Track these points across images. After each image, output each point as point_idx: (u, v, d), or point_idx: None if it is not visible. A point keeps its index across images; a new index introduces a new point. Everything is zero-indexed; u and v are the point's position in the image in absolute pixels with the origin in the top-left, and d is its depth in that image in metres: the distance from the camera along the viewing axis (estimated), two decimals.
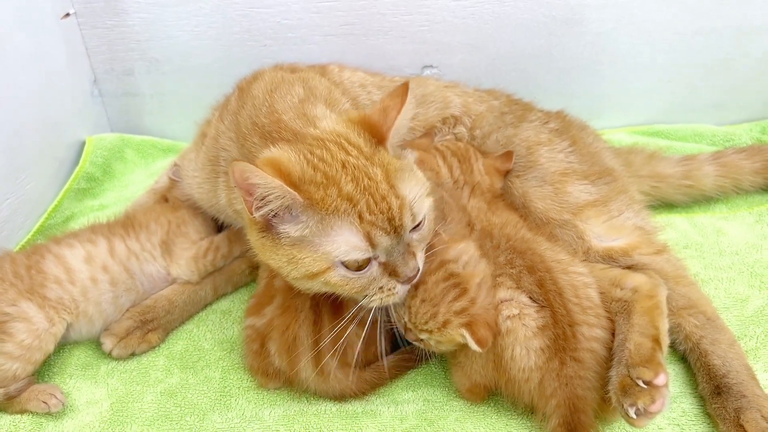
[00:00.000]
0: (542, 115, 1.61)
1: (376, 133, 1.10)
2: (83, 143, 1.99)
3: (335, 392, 1.22)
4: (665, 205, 1.70)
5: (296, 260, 1.04)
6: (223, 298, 1.53)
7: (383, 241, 1.02)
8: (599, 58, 1.97)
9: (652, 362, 1.01)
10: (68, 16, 1.87)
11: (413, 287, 1.11)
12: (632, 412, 0.98)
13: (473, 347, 1.06)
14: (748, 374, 1.15)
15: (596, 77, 2.01)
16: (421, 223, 1.08)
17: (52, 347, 1.28)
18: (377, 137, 1.09)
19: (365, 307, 1.10)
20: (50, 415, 1.23)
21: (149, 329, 1.38)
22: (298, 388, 1.25)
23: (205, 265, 1.46)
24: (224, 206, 1.37)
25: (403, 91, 1.11)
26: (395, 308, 1.14)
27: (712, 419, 1.14)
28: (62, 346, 1.36)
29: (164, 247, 1.47)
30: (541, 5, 1.86)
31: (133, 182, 1.96)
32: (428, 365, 1.30)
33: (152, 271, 1.44)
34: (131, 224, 1.47)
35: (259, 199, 1.00)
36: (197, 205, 1.52)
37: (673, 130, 2.05)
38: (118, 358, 1.35)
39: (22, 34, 1.68)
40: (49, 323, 1.27)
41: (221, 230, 1.58)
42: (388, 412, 1.21)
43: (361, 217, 1.00)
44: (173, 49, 1.95)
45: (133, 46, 1.96)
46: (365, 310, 1.11)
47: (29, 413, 1.23)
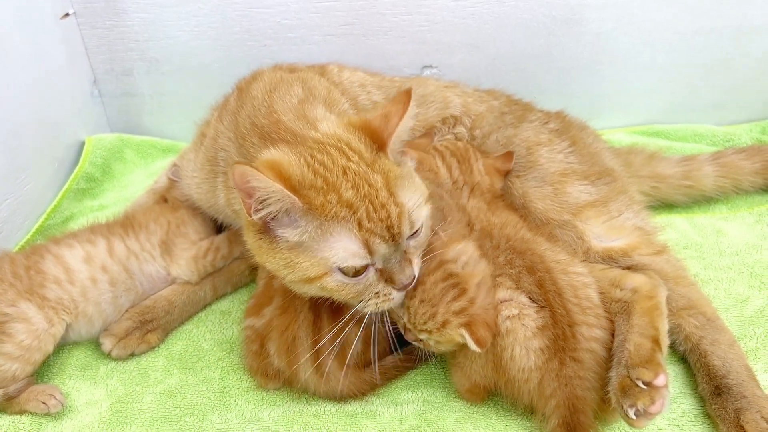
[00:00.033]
0: (542, 115, 1.61)
1: (376, 138, 1.09)
2: (83, 143, 1.99)
3: (335, 393, 1.22)
4: (665, 205, 1.70)
5: (293, 264, 1.03)
6: (222, 298, 1.53)
7: (381, 248, 1.02)
8: (599, 58, 1.97)
9: (651, 363, 1.01)
10: (68, 16, 1.87)
11: (412, 287, 1.11)
12: (632, 412, 0.98)
13: (472, 347, 1.06)
14: (748, 375, 1.15)
15: (596, 77, 2.01)
16: (418, 230, 1.08)
17: (51, 348, 1.28)
18: (378, 143, 1.08)
19: (360, 311, 1.10)
20: (49, 415, 1.23)
21: (148, 330, 1.38)
22: (297, 388, 1.25)
23: (204, 265, 1.46)
24: (223, 206, 1.37)
25: (405, 97, 1.09)
26: (394, 309, 1.14)
27: (712, 420, 1.14)
28: (61, 346, 1.36)
29: (164, 247, 1.46)
30: (540, 5, 1.86)
31: (132, 182, 1.96)
32: (428, 366, 1.30)
33: (152, 271, 1.44)
34: (130, 224, 1.47)
35: (258, 201, 0.99)
36: (196, 205, 1.52)
37: (672, 130, 2.04)
38: (117, 358, 1.35)
39: (21, 34, 1.68)
40: (48, 324, 1.27)
41: (221, 231, 1.58)
42: (387, 412, 1.21)
43: (360, 224, 1.00)
44: (173, 49, 1.95)
45: (132, 46, 1.96)
46: (361, 313, 1.11)
47: (28, 414, 1.23)
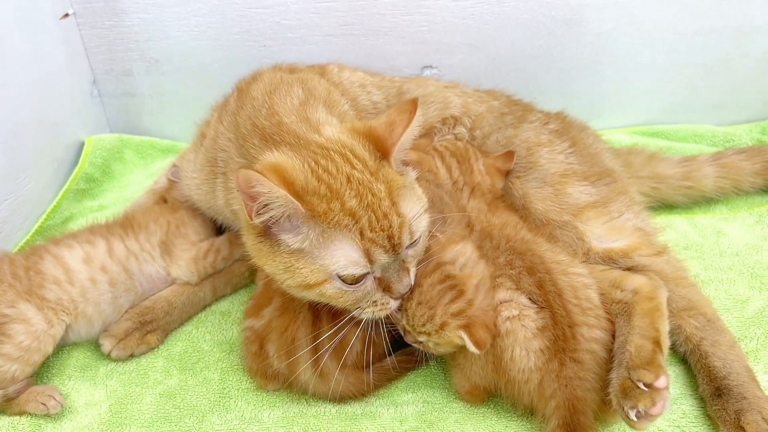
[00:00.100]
0: (542, 116, 1.61)
1: (380, 147, 1.08)
2: (82, 144, 1.98)
3: (334, 393, 1.21)
4: (665, 206, 1.70)
5: (293, 269, 1.03)
6: (222, 299, 1.52)
7: (381, 258, 1.02)
8: (599, 58, 1.97)
9: (652, 364, 1.01)
10: (67, 16, 1.87)
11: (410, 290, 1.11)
12: (633, 414, 0.98)
13: (471, 349, 1.06)
14: (748, 376, 1.14)
15: (596, 77, 2.01)
16: (417, 240, 1.08)
17: (50, 349, 1.28)
18: (381, 151, 1.08)
19: (357, 317, 1.10)
20: (49, 416, 1.23)
21: (148, 330, 1.38)
22: (297, 389, 1.24)
23: (204, 266, 1.46)
24: (222, 207, 1.37)
25: (411, 107, 1.09)
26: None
27: (712, 421, 1.14)
28: (61, 347, 1.36)
29: (163, 247, 1.46)
30: (540, 5, 1.86)
31: (132, 183, 1.96)
32: (428, 367, 1.30)
33: (151, 271, 1.44)
34: (130, 225, 1.47)
35: (260, 205, 0.99)
36: (196, 206, 1.52)
37: (673, 130, 2.04)
38: (117, 359, 1.35)
39: (21, 34, 1.67)
40: (47, 325, 1.26)
41: (221, 232, 1.58)
42: (387, 413, 1.21)
43: (362, 233, 1.00)
44: (172, 49, 1.95)
45: (132, 46, 1.95)
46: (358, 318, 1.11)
47: (28, 415, 1.23)
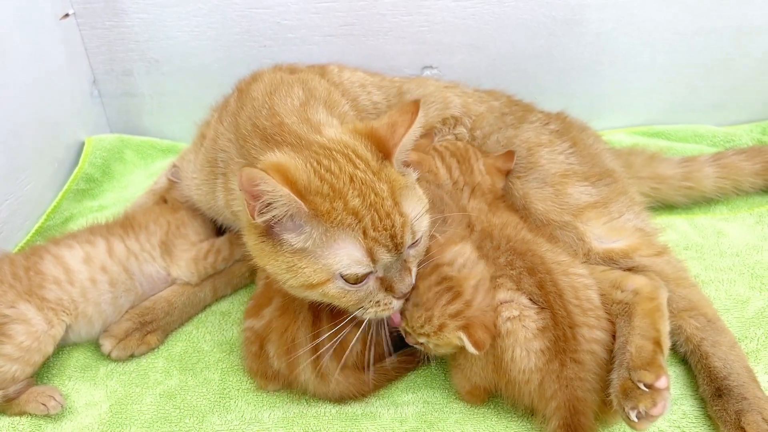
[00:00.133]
0: (543, 116, 1.61)
1: (382, 147, 1.09)
2: (82, 144, 1.98)
3: (334, 394, 1.22)
4: (665, 206, 1.70)
5: (296, 269, 1.03)
6: (222, 299, 1.52)
7: (384, 257, 1.03)
8: (599, 58, 1.97)
9: (653, 365, 1.01)
10: (67, 16, 1.87)
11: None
12: (633, 415, 0.98)
13: (470, 350, 1.06)
14: (749, 376, 1.14)
15: (596, 77, 2.01)
16: (418, 240, 1.08)
17: (51, 349, 1.27)
18: (383, 152, 1.08)
19: (359, 318, 1.10)
20: (49, 417, 1.23)
21: (148, 331, 1.38)
22: (297, 390, 1.24)
23: (205, 267, 1.46)
24: (222, 208, 1.37)
25: (414, 108, 1.09)
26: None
27: (712, 421, 1.14)
28: (61, 347, 1.36)
29: (164, 247, 1.46)
30: (541, 6, 1.86)
31: (132, 183, 1.96)
32: (428, 367, 1.30)
33: (151, 271, 1.44)
34: (130, 225, 1.47)
35: (263, 205, 0.99)
36: (196, 206, 1.52)
37: (673, 130, 2.04)
38: (117, 359, 1.35)
39: (21, 34, 1.67)
40: (48, 325, 1.26)
41: (221, 232, 1.57)
42: (387, 414, 1.20)
43: (365, 232, 1.00)
44: (173, 49, 1.95)
45: (132, 46, 1.95)
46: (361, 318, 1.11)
47: (28, 415, 1.23)
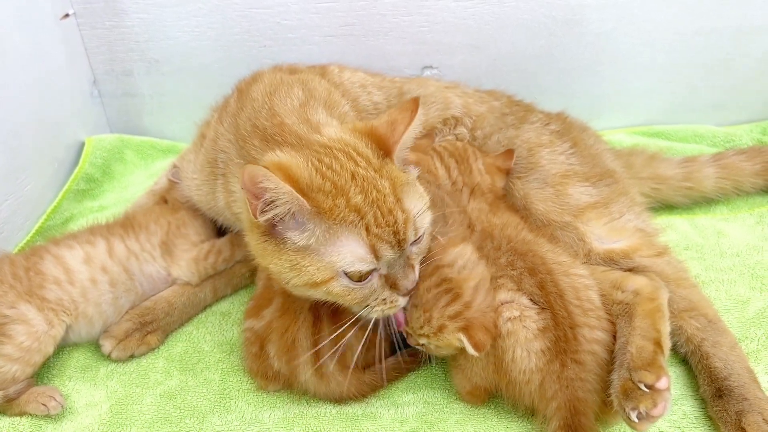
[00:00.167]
0: (543, 116, 1.61)
1: (382, 145, 1.09)
2: (82, 144, 1.98)
3: (335, 394, 1.22)
4: (666, 206, 1.70)
5: (299, 268, 1.03)
6: (222, 300, 1.52)
7: (387, 254, 1.03)
8: (599, 58, 1.97)
9: (653, 365, 1.01)
10: (68, 16, 1.87)
11: None
12: (634, 415, 0.98)
13: (470, 351, 1.06)
14: (749, 377, 1.14)
15: (596, 78, 2.01)
16: (420, 237, 1.08)
17: (51, 349, 1.27)
18: (384, 150, 1.09)
19: (364, 317, 1.10)
20: (49, 417, 1.22)
21: (148, 331, 1.38)
22: (297, 390, 1.24)
23: (205, 267, 1.46)
24: (223, 208, 1.37)
25: (413, 106, 1.10)
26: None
27: (713, 422, 1.14)
28: (61, 348, 1.36)
29: (164, 247, 1.46)
30: (541, 6, 1.86)
31: (132, 183, 1.96)
32: (429, 368, 1.30)
33: (152, 271, 1.44)
34: (130, 225, 1.47)
35: (265, 203, 0.99)
36: (196, 206, 1.52)
37: (673, 131, 2.04)
38: (117, 360, 1.35)
39: (21, 34, 1.67)
40: (48, 325, 1.26)
41: (221, 232, 1.57)
42: (388, 414, 1.20)
43: (368, 229, 1.00)
44: (173, 49, 1.95)
45: (132, 46, 1.95)
46: (365, 318, 1.11)
47: (28, 415, 1.23)
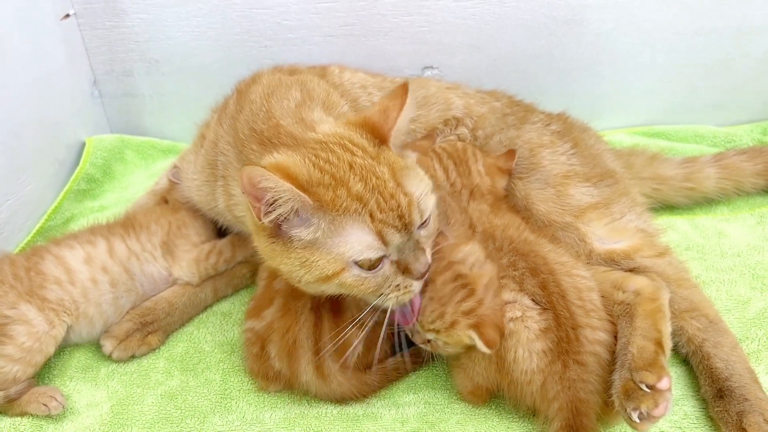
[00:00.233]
0: (544, 117, 1.61)
1: (378, 134, 1.09)
2: (83, 144, 1.98)
3: (336, 395, 1.22)
4: (666, 207, 1.70)
5: (309, 263, 1.03)
6: (223, 300, 1.52)
7: (395, 238, 1.02)
8: (599, 58, 1.97)
9: (655, 366, 1.01)
10: (68, 16, 1.87)
11: (423, 285, 1.11)
12: (635, 416, 0.98)
13: (482, 349, 1.06)
14: (750, 377, 1.14)
15: (596, 78, 2.01)
16: (427, 219, 1.08)
17: (52, 349, 1.27)
18: (379, 138, 1.09)
19: (380, 307, 1.09)
20: (50, 417, 1.22)
21: (149, 331, 1.38)
22: (298, 390, 1.24)
23: (206, 268, 1.46)
24: (223, 210, 1.37)
25: (402, 91, 1.10)
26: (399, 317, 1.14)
27: (714, 422, 1.14)
28: (62, 348, 1.36)
29: (165, 247, 1.46)
30: (541, 6, 1.86)
31: (133, 183, 1.96)
32: (430, 368, 1.29)
33: (153, 271, 1.44)
34: (131, 225, 1.47)
35: (267, 204, 0.99)
36: (197, 207, 1.52)
37: (673, 131, 2.04)
38: (118, 360, 1.35)
39: (22, 34, 1.67)
40: (49, 325, 1.26)
41: (221, 233, 1.57)
42: (389, 414, 1.20)
43: (372, 216, 1.00)
44: (173, 49, 1.95)
45: (132, 46, 1.95)
46: (367, 313, 1.11)
47: (29, 416, 1.23)
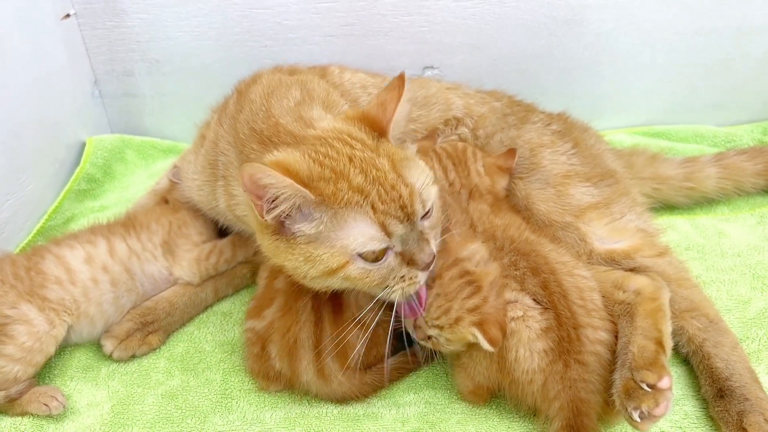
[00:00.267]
0: (544, 116, 1.61)
1: (376, 127, 1.10)
2: (83, 144, 1.98)
3: (336, 395, 1.22)
4: (667, 206, 1.70)
5: (313, 258, 1.03)
6: (223, 300, 1.52)
7: (398, 229, 1.02)
8: (599, 58, 1.97)
9: (655, 365, 1.01)
10: (68, 16, 1.87)
11: (430, 281, 1.12)
12: (636, 415, 0.98)
13: (485, 346, 1.06)
14: (750, 377, 1.15)
15: (596, 78, 2.01)
16: (430, 210, 1.08)
17: (53, 349, 1.27)
18: (378, 130, 1.10)
19: (385, 299, 1.09)
20: (51, 417, 1.23)
21: (150, 331, 1.38)
22: (299, 390, 1.24)
23: (207, 267, 1.46)
24: (224, 209, 1.37)
25: (399, 83, 1.11)
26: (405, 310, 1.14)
27: (714, 422, 1.14)
28: (63, 348, 1.36)
29: (165, 247, 1.46)
30: (541, 6, 1.86)
31: (133, 183, 1.96)
32: (430, 368, 1.29)
33: (153, 271, 1.44)
34: (132, 224, 1.47)
35: (269, 201, 0.99)
36: (197, 207, 1.52)
37: (674, 131, 2.04)
38: (118, 360, 1.35)
39: (22, 34, 1.67)
40: (49, 325, 1.26)
41: (222, 232, 1.57)
42: (389, 414, 1.20)
43: (374, 207, 1.00)
44: (173, 49, 1.95)
45: (133, 46, 1.95)
46: (368, 312, 1.11)
47: (30, 415, 1.23)
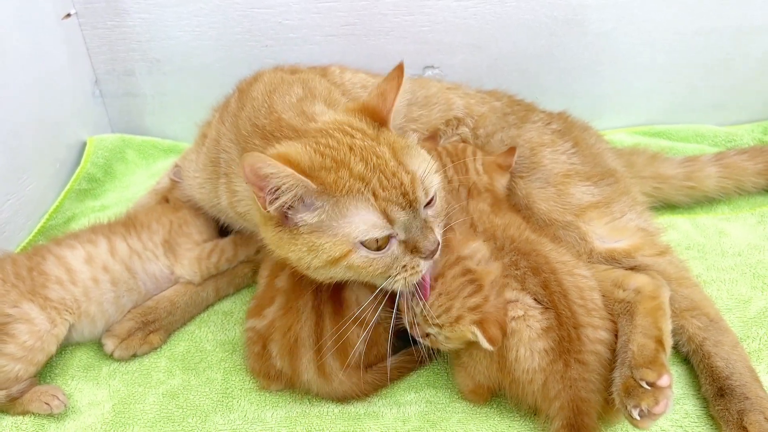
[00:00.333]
0: (545, 116, 1.61)
1: (377, 117, 1.11)
2: (84, 144, 1.99)
3: (337, 393, 1.22)
4: (667, 206, 1.70)
5: (316, 247, 1.03)
6: (224, 299, 1.52)
7: (400, 216, 1.02)
8: (600, 58, 1.97)
9: (655, 363, 1.01)
10: (69, 16, 1.87)
11: (432, 279, 1.12)
12: (636, 413, 0.97)
13: (484, 345, 1.06)
14: (751, 376, 1.15)
15: (597, 77, 2.01)
16: (433, 198, 1.08)
17: (54, 348, 1.28)
18: (378, 120, 1.11)
19: (387, 289, 1.09)
20: (52, 416, 1.23)
21: (151, 330, 1.38)
22: (300, 389, 1.24)
23: (208, 266, 1.46)
24: (225, 208, 1.37)
25: (398, 73, 1.12)
26: (406, 301, 1.14)
27: (715, 421, 1.14)
28: (64, 347, 1.36)
29: (167, 246, 1.46)
30: (542, 6, 1.86)
31: (134, 183, 1.96)
32: (431, 367, 1.30)
33: (154, 270, 1.44)
34: (132, 224, 1.47)
35: (271, 192, 1.00)
36: (198, 206, 1.52)
37: (674, 130, 2.05)
38: (119, 359, 1.35)
39: (22, 34, 1.67)
40: (50, 324, 1.26)
41: (223, 231, 1.58)
42: (390, 413, 1.21)
43: (375, 194, 1.01)
44: (174, 49, 1.95)
45: (134, 46, 1.96)
46: (368, 310, 1.11)
47: (31, 414, 1.23)
